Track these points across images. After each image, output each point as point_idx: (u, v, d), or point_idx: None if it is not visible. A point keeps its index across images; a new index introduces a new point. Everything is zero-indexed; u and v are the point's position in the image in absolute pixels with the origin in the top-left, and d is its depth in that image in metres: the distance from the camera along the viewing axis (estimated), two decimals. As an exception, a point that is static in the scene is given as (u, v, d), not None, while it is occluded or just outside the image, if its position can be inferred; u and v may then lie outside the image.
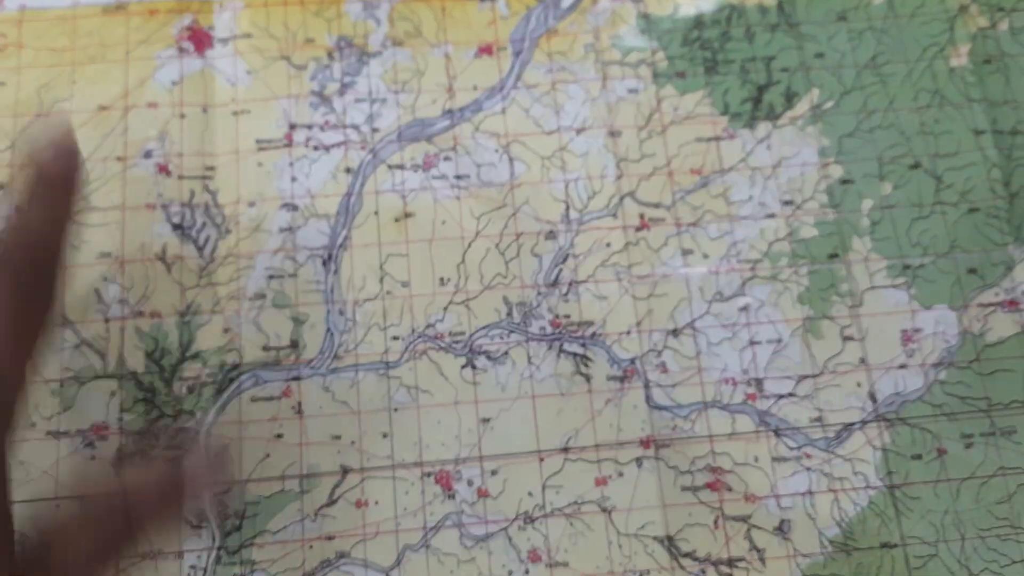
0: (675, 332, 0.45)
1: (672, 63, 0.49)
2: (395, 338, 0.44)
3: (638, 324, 0.45)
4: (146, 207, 0.45)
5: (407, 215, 0.46)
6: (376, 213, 0.46)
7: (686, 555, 0.41)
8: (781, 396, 0.44)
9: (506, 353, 0.44)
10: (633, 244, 0.46)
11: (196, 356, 0.43)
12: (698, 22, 0.50)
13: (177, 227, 0.45)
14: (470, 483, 0.42)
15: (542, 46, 0.49)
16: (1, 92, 0.47)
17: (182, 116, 0.47)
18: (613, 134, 0.48)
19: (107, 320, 0.44)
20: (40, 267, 0.33)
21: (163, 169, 0.46)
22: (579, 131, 0.48)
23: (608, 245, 0.46)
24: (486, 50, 0.49)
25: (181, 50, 0.48)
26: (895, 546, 0.42)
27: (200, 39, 0.48)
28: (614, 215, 0.46)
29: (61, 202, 0.34)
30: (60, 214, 0.34)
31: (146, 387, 0.43)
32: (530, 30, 0.49)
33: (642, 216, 0.46)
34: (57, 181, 0.34)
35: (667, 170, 0.47)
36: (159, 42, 0.48)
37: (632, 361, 0.44)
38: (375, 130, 0.47)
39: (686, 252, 0.46)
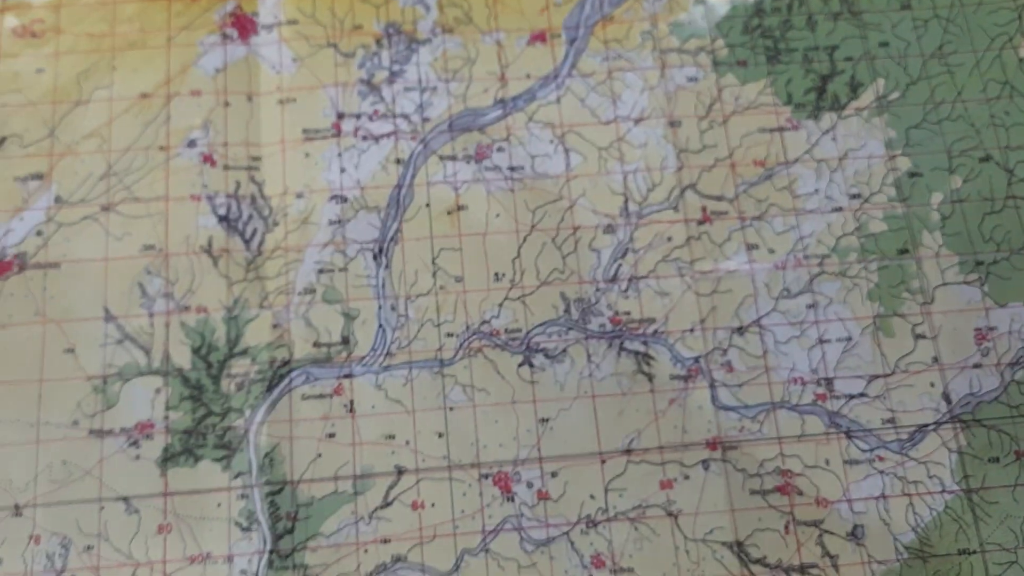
0: (740, 330, 0.43)
1: (732, 51, 0.47)
2: (449, 335, 0.42)
3: (702, 321, 0.43)
4: (190, 198, 0.44)
5: (459, 208, 0.44)
6: (427, 205, 0.44)
7: (756, 561, 0.40)
8: (852, 396, 0.42)
9: (564, 351, 0.42)
10: (695, 238, 0.44)
11: (244, 352, 0.42)
12: (758, 9, 0.48)
13: (223, 219, 0.43)
14: (529, 485, 0.40)
15: (597, 34, 0.47)
16: (39, 79, 0.45)
17: (226, 104, 0.45)
18: (673, 124, 0.46)
19: (151, 315, 0.42)
20: None
21: (207, 159, 0.44)
22: (637, 121, 0.46)
23: (669, 239, 0.44)
24: (539, 37, 0.47)
25: (224, 36, 0.46)
26: (973, 552, 0.40)
27: (244, 25, 0.46)
28: (675, 208, 0.44)
29: None
30: None
31: (193, 384, 0.41)
32: (585, 17, 0.48)
33: (704, 209, 0.45)
34: None
35: (729, 162, 0.45)
36: (202, 28, 0.46)
37: (696, 360, 0.42)
38: (425, 120, 0.45)
39: (751, 247, 0.44)
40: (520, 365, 0.42)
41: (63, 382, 0.41)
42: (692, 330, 0.43)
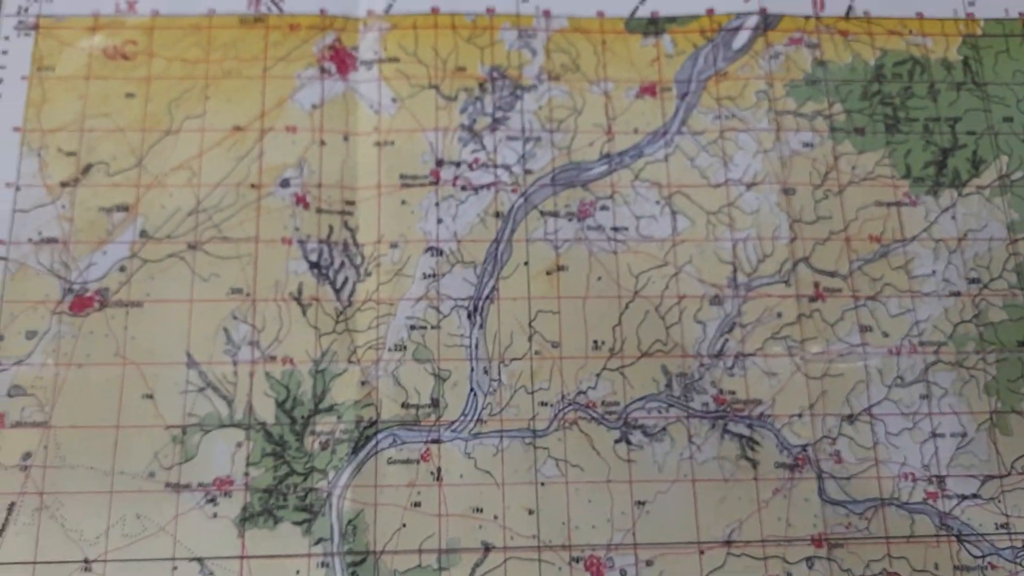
0: (851, 418, 0.41)
1: (850, 117, 0.45)
2: (543, 404, 0.40)
3: (811, 406, 0.41)
4: (281, 241, 0.42)
5: (559, 268, 0.42)
6: (526, 263, 0.42)
7: (860, 671, 0.37)
8: (964, 497, 0.40)
9: (664, 429, 0.40)
10: (806, 316, 0.42)
11: (330, 409, 0.40)
12: (878, 74, 0.46)
13: (314, 265, 0.41)
14: (623, 573, 0.38)
15: (710, 89, 0.45)
16: (129, 104, 0.43)
17: (322, 143, 0.43)
18: (787, 191, 0.44)
19: (235, 363, 0.40)
20: None
21: (300, 200, 0.42)
22: (749, 185, 0.44)
23: (779, 315, 0.42)
24: (649, 90, 0.45)
25: (323, 71, 0.44)
26: (1089, 676, 0.38)
27: (343, 60, 0.44)
28: (786, 282, 0.42)
29: None
30: None
31: (276, 439, 0.39)
32: (697, 71, 0.45)
33: (817, 285, 0.42)
34: None
35: (844, 235, 0.43)
36: (299, 60, 0.44)
37: (804, 448, 0.40)
38: (527, 172, 0.43)
39: (864, 328, 0.42)
40: (617, 441, 0.40)
41: (141, 429, 0.39)
42: (800, 415, 0.40)
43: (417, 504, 0.39)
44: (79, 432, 0.39)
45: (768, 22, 0.46)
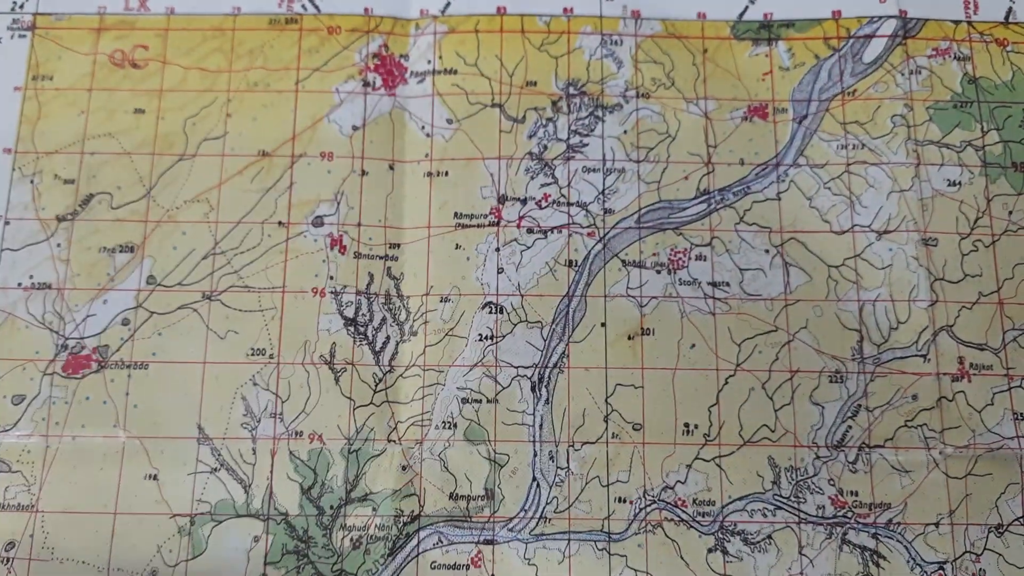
0: (999, 529, 0.33)
1: (1008, 149, 0.37)
2: (621, 500, 0.33)
3: (951, 513, 0.33)
4: (312, 292, 0.35)
5: (644, 332, 0.35)
6: (603, 325, 0.35)
7: None
8: None
9: (769, 537, 0.33)
10: (948, 399, 0.34)
11: (365, 498, 0.33)
12: (1046, 94, 0.37)
13: (350, 322, 0.35)
14: None
15: (834, 112, 0.37)
16: (137, 122, 0.37)
17: (363, 173, 0.36)
18: (927, 241, 0.36)
19: (255, 439, 0.34)
20: None
21: (336, 243, 0.35)
22: (881, 233, 0.36)
23: (914, 398, 0.34)
24: (758, 111, 0.37)
25: (366, 84, 0.37)
26: None
27: (390, 71, 0.37)
28: (924, 356, 0.34)
29: None
30: None
31: (299, 534, 0.33)
32: (819, 88, 0.37)
33: (961, 360, 0.34)
34: None
35: (997, 298, 0.35)
36: (339, 70, 0.37)
37: (941, 566, 0.33)
38: (607, 211, 0.36)
39: (1019, 417, 0.34)
40: (711, 551, 0.33)
41: (142, 518, 0.33)
42: (938, 524, 0.33)
43: (466, 621, 0.32)
44: (70, 519, 0.33)
45: (908, 28, 0.38)
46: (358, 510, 0.33)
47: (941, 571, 0.33)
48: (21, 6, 0.38)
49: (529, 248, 0.36)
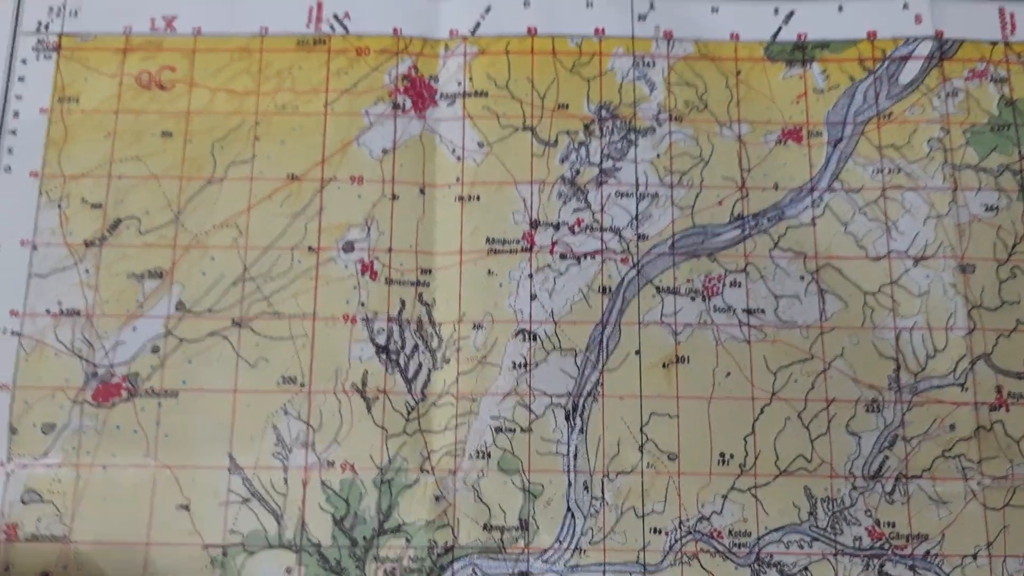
0: (1040, 562, 0.32)
1: (1047, 173, 0.36)
2: (656, 531, 0.33)
3: (989, 545, 0.33)
4: (344, 319, 0.35)
5: (678, 360, 0.34)
6: (638, 353, 0.34)
7: None
8: None
9: (806, 569, 0.33)
10: (986, 429, 0.34)
11: (398, 529, 0.33)
12: (1084, 117, 0.37)
13: (381, 349, 0.34)
14: None
15: (870, 135, 0.36)
16: (165, 145, 0.36)
17: (394, 198, 0.36)
18: (964, 268, 0.35)
19: (286, 468, 0.33)
20: None
21: (367, 268, 0.35)
22: (918, 260, 0.35)
23: (952, 428, 0.34)
24: (793, 135, 0.37)
25: (396, 106, 0.37)
26: None
27: (420, 93, 0.37)
28: (962, 385, 0.34)
29: None
30: None
31: (332, 566, 0.33)
32: (855, 111, 0.37)
33: (1000, 390, 0.34)
34: None
35: (1035, 326, 0.35)
36: (368, 93, 0.37)
37: (980, 600, 0.32)
38: (641, 237, 0.35)
39: (1058, 448, 0.33)
40: (747, 582, 0.32)
41: (174, 548, 0.33)
42: (975, 556, 0.33)
43: (501, 653, 0.32)
44: (103, 549, 0.32)
45: (945, 49, 0.37)
46: (391, 541, 0.33)
47: (979, 604, 0.32)
48: (46, 27, 0.37)
49: (563, 274, 0.35)
